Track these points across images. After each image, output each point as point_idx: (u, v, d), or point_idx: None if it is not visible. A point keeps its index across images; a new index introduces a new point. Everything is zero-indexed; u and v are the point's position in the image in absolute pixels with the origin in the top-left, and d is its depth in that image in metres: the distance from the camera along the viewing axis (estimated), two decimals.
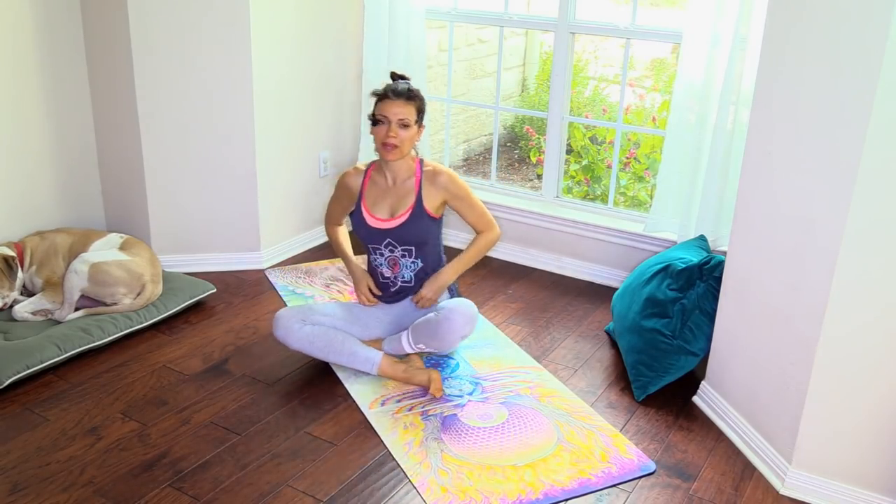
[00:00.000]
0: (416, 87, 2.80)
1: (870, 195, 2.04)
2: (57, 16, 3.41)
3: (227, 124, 3.54)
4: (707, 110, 3.24)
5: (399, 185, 2.85)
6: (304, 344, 2.81)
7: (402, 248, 2.86)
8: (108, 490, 2.28)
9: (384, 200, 2.86)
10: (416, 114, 2.76)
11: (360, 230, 2.89)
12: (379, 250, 2.89)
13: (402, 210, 2.83)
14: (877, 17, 1.96)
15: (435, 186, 2.83)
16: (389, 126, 2.71)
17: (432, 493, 2.30)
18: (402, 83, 2.78)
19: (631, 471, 2.43)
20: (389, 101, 2.72)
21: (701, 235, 3.23)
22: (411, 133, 2.75)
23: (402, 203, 2.84)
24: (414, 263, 2.89)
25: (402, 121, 2.71)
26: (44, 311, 3.13)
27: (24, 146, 3.41)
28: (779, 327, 2.39)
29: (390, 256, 2.89)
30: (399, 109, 2.71)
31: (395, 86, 2.75)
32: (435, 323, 2.78)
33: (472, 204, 2.89)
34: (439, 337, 2.79)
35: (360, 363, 2.81)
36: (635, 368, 2.85)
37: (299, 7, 3.67)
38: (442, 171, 2.84)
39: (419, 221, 2.82)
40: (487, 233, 2.94)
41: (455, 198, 2.86)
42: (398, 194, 2.85)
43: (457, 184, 2.85)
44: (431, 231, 2.87)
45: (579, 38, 4.82)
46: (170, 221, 3.64)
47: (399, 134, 2.71)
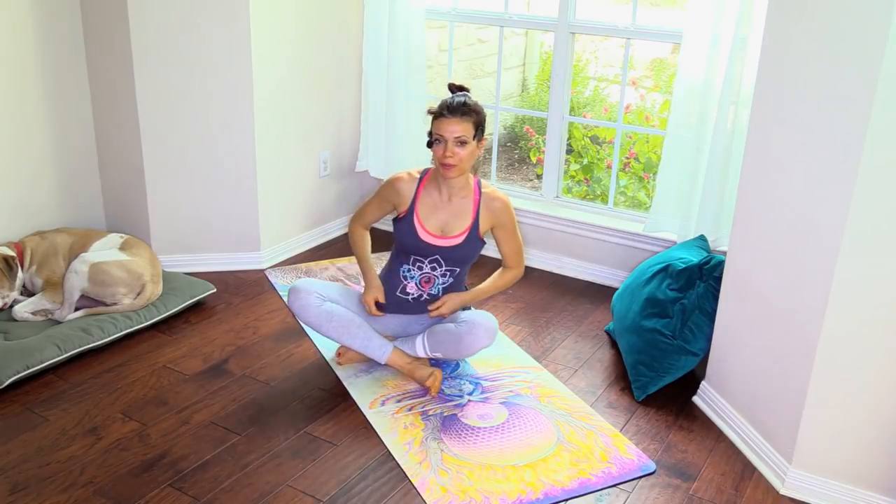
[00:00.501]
0: (474, 101, 2.69)
1: (870, 195, 2.04)
2: (57, 16, 3.41)
3: (228, 124, 3.54)
4: (707, 110, 3.24)
5: (454, 202, 2.76)
6: (322, 321, 2.75)
7: (446, 267, 2.80)
8: (108, 490, 2.28)
9: (436, 215, 2.77)
10: (475, 129, 2.65)
11: (409, 240, 2.78)
12: (419, 263, 2.80)
13: (458, 230, 2.76)
14: (877, 17, 1.96)
15: (490, 210, 2.76)
16: (446, 145, 2.62)
17: (432, 493, 2.30)
18: (459, 97, 2.66)
19: (631, 471, 2.43)
20: (445, 119, 2.62)
21: (701, 235, 3.23)
22: (470, 150, 2.64)
23: (457, 222, 2.76)
24: (447, 280, 2.83)
25: (459, 139, 2.61)
26: (44, 311, 3.13)
27: (24, 146, 3.41)
28: (779, 327, 2.39)
29: (429, 273, 2.81)
30: (455, 127, 2.61)
31: (450, 101, 2.64)
32: (457, 335, 2.75)
33: (514, 237, 2.83)
34: (461, 349, 2.77)
35: (373, 350, 2.79)
36: (635, 368, 2.85)
37: (299, 7, 3.67)
38: (498, 198, 2.78)
39: (472, 244, 2.78)
40: (516, 270, 2.89)
41: (502, 227, 2.80)
42: (453, 212, 2.76)
43: (509, 214, 2.79)
44: (478, 252, 2.84)
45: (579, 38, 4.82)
46: (170, 221, 3.64)
47: (456, 153, 2.62)
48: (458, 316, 2.84)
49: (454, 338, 2.76)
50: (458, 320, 2.80)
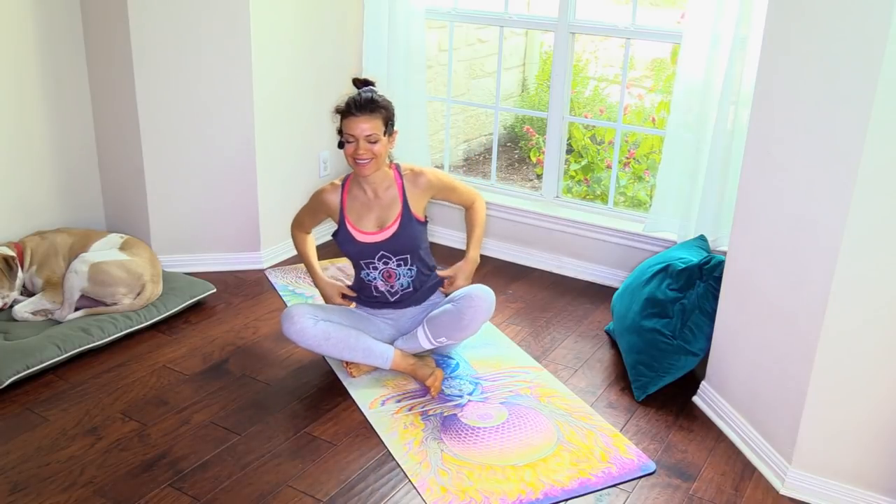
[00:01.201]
0: (381, 95, 2.68)
1: (870, 195, 2.04)
2: (57, 16, 3.41)
3: (227, 124, 3.54)
4: (707, 110, 3.24)
5: (382, 196, 2.78)
6: (320, 341, 2.74)
7: (398, 258, 2.81)
8: (108, 490, 2.28)
9: (369, 213, 2.79)
10: (384, 124, 2.64)
11: (349, 247, 2.81)
12: (372, 264, 2.82)
13: (391, 220, 2.77)
14: (877, 17, 1.96)
15: (419, 188, 2.79)
16: (358, 144, 2.61)
17: (432, 493, 2.30)
18: (366, 92, 2.65)
19: (631, 471, 2.43)
20: (354, 117, 2.61)
21: (701, 235, 3.23)
22: (382, 145, 2.64)
23: (388, 213, 2.77)
24: (410, 270, 2.84)
25: (370, 136, 2.61)
26: (44, 311, 3.13)
27: (24, 146, 3.41)
28: (779, 327, 2.39)
29: (384, 269, 2.83)
30: (365, 125, 2.60)
31: (357, 98, 2.63)
32: (457, 313, 2.75)
33: (455, 188, 2.89)
34: (464, 326, 2.76)
35: (376, 358, 2.79)
36: (635, 368, 2.85)
37: (299, 7, 3.67)
38: (422, 172, 2.80)
39: (410, 229, 2.78)
40: (476, 203, 2.95)
41: (441, 190, 2.85)
42: (382, 205, 2.78)
43: (440, 178, 2.84)
44: (421, 235, 2.83)
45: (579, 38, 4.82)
46: (170, 221, 3.64)
47: (369, 149, 2.62)
48: (454, 294, 2.85)
49: (454, 317, 2.75)
50: (454, 298, 2.81)
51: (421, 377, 2.79)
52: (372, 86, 2.71)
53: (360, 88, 2.69)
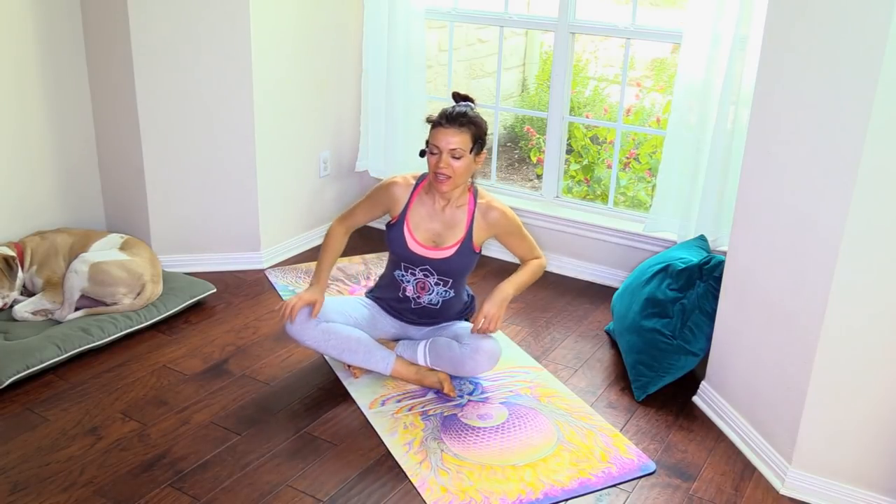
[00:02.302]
0: (476, 112, 2.62)
1: (870, 195, 2.04)
2: (57, 16, 3.41)
3: (228, 124, 3.54)
4: (707, 110, 3.24)
5: (448, 213, 2.69)
6: (319, 342, 2.72)
7: (439, 277, 2.73)
8: (108, 490, 2.28)
9: (429, 225, 2.71)
10: (472, 142, 2.57)
11: (399, 249, 2.73)
12: (412, 270, 2.76)
13: (450, 242, 2.69)
14: (877, 17, 1.96)
15: (486, 222, 2.70)
16: (441, 156, 2.54)
17: (432, 493, 2.30)
18: (460, 107, 2.59)
19: (631, 471, 2.43)
20: (442, 128, 2.55)
21: (701, 235, 3.23)
22: (465, 163, 2.56)
23: (450, 234, 2.70)
24: (446, 292, 2.78)
25: (454, 151, 2.53)
26: (44, 311, 3.13)
27: (24, 146, 3.41)
28: (779, 327, 2.39)
29: (422, 280, 2.76)
30: (451, 139, 2.53)
31: (450, 111, 2.57)
32: (460, 358, 2.70)
33: (522, 238, 2.77)
34: (460, 371, 2.74)
35: (376, 363, 2.77)
36: (635, 368, 2.85)
37: (299, 7, 3.67)
38: (495, 207, 2.70)
39: (464, 257, 2.71)
40: (539, 260, 2.81)
41: (508, 235, 2.74)
42: (446, 222, 2.70)
43: (510, 221, 2.71)
44: (473, 263, 2.77)
45: (579, 38, 4.82)
46: (170, 221, 3.64)
47: (451, 164, 2.54)
48: (463, 335, 2.76)
49: (456, 358, 2.72)
50: (462, 340, 2.74)
51: (430, 384, 2.78)
52: (471, 102, 2.64)
53: (458, 102, 2.63)
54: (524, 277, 2.76)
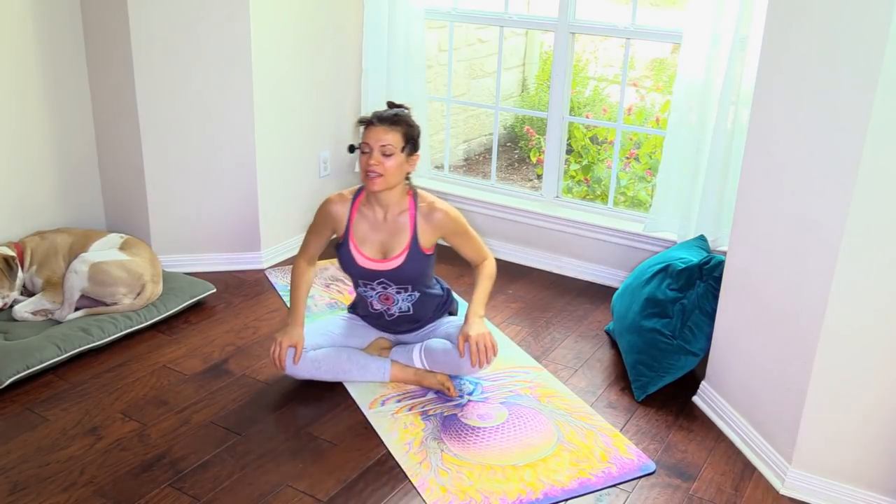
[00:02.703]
0: (407, 113, 2.61)
1: (870, 195, 2.04)
2: (58, 17, 3.41)
3: (228, 124, 3.54)
4: (707, 110, 3.24)
5: (391, 221, 2.66)
6: (312, 371, 2.73)
7: (398, 286, 2.71)
8: (108, 490, 2.28)
9: (375, 237, 2.67)
10: (404, 141, 2.55)
11: (350, 267, 2.71)
12: (370, 285, 2.74)
13: (397, 251, 2.65)
14: (876, 17, 1.96)
15: (431, 224, 2.65)
16: (371, 154, 2.52)
17: (432, 493, 2.30)
18: (392, 109, 2.60)
19: (631, 471, 2.43)
20: (373, 127, 2.54)
21: (701, 235, 3.23)
22: (397, 162, 2.54)
23: (395, 242, 2.66)
24: (410, 297, 2.76)
25: (385, 148, 2.51)
26: (44, 311, 3.13)
27: (24, 146, 3.41)
28: (779, 327, 2.39)
29: (383, 293, 2.74)
30: (382, 136, 2.51)
31: (381, 112, 2.58)
32: (457, 360, 2.69)
33: (468, 237, 2.73)
34: (460, 372, 2.74)
35: (372, 374, 2.78)
36: (635, 368, 2.85)
37: (299, 7, 3.67)
38: (438, 208, 2.65)
39: (415, 262, 2.66)
40: (488, 261, 2.78)
41: (453, 234, 2.70)
42: (390, 231, 2.66)
43: (455, 221, 2.68)
44: (428, 267, 2.72)
45: (579, 38, 4.82)
46: (170, 221, 3.64)
47: (382, 162, 2.51)
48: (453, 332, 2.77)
49: (452, 360, 2.71)
50: (453, 338, 2.74)
51: (429, 385, 2.78)
52: (404, 108, 2.64)
53: (391, 108, 2.63)
54: (486, 289, 2.74)
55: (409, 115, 2.62)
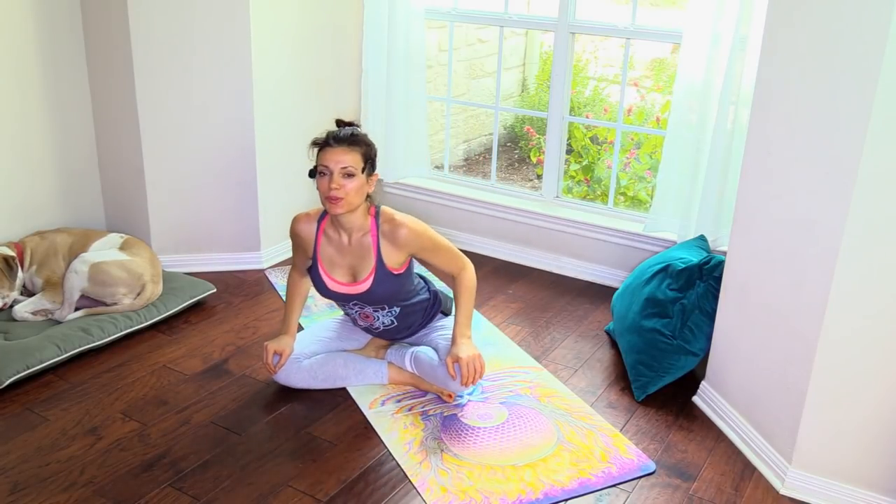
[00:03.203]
0: (364, 133, 2.53)
1: (870, 195, 2.04)
2: (57, 17, 3.41)
3: (227, 124, 3.54)
4: (707, 110, 3.24)
5: (355, 244, 2.57)
6: (308, 380, 2.73)
7: (373, 306, 2.67)
8: (108, 490, 2.28)
9: (342, 261, 2.60)
10: (363, 161, 2.46)
11: (322, 291, 2.65)
12: (347, 306, 2.72)
13: (364, 274, 2.57)
14: (876, 17, 1.96)
15: (395, 244, 2.55)
16: (332, 177, 2.42)
17: (432, 493, 2.30)
18: (346, 129, 2.50)
19: (631, 471, 2.43)
20: (330, 148, 2.44)
21: (701, 235, 3.23)
22: (358, 183, 2.44)
23: (362, 265, 2.58)
24: (390, 313, 2.71)
25: (346, 169, 2.41)
26: (44, 311, 3.13)
27: (24, 147, 3.41)
28: (779, 327, 2.39)
29: (360, 311, 2.71)
30: (341, 157, 2.42)
31: (336, 132, 2.48)
32: (443, 375, 2.66)
33: (438, 250, 2.62)
34: (446, 387, 2.71)
35: (370, 378, 2.78)
36: (635, 368, 2.85)
37: (299, 7, 3.67)
38: (401, 224, 2.54)
39: (384, 284, 2.58)
40: (465, 273, 2.67)
41: (420, 250, 2.60)
42: (355, 254, 2.58)
43: (420, 236, 2.57)
44: (401, 285, 2.64)
45: (579, 38, 4.82)
46: (170, 221, 3.64)
47: (343, 185, 2.41)
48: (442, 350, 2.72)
49: (438, 375, 2.68)
50: (441, 355, 2.70)
51: (427, 387, 2.78)
52: (356, 126, 2.54)
53: (342, 127, 2.52)
54: (468, 307, 2.67)
55: (365, 135, 2.54)
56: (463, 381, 2.59)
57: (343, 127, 2.52)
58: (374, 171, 2.54)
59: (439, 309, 2.87)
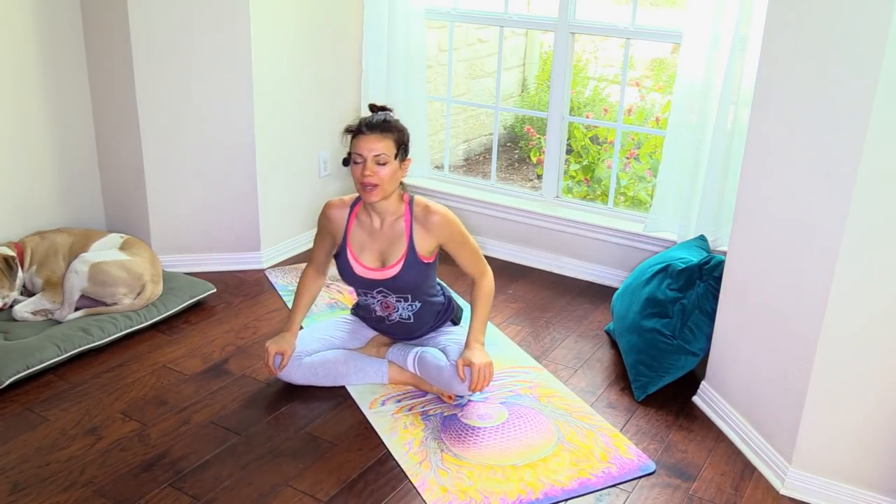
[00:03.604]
0: (396, 118, 2.54)
1: (870, 195, 2.04)
2: (57, 16, 3.41)
3: (228, 124, 3.54)
4: (707, 110, 3.24)
5: (387, 228, 2.60)
6: (309, 378, 2.73)
7: (397, 295, 2.67)
8: (108, 490, 2.28)
9: (372, 245, 2.62)
10: (396, 147, 2.48)
11: (348, 277, 2.66)
12: (370, 294, 2.71)
13: (394, 259, 2.59)
14: (876, 17, 1.96)
15: (427, 230, 2.58)
16: (365, 164, 2.45)
17: (432, 493, 2.30)
18: (379, 115, 2.52)
19: (631, 471, 2.43)
20: (363, 136, 2.46)
21: (701, 235, 3.23)
22: (392, 169, 2.47)
23: (392, 250, 2.60)
24: (411, 306, 2.72)
25: (379, 157, 2.44)
26: (44, 311, 3.13)
27: (24, 146, 3.41)
28: (779, 327, 2.39)
29: (383, 300, 2.71)
30: (374, 145, 2.44)
31: (368, 119, 2.50)
32: (447, 378, 2.65)
33: (466, 245, 2.65)
34: (448, 389, 2.69)
35: (370, 377, 2.78)
36: (635, 368, 2.85)
37: (299, 7, 3.67)
38: (435, 212, 2.58)
39: (413, 270, 2.60)
40: (484, 279, 2.69)
41: (448, 241, 2.61)
42: (387, 238, 2.60)
43: (452, 225, 2.60)
44: (427, 275, 2.65)
45: (579, 38, 4.82)
46: (170, 221, 3.64)
47: (377, 172, 2.45)
48: (452, 350, 2.71)
49: (443, 377, 2.66)
50: (450, 357, 2.69)
51: (427, 388, 2.77)
52: (389, 111, 2.57)
53: (375, 112, 2.55)
54: (485, 313, 2.69)
55: (397, 120, 2.55)
56: (472, 386, 2.58)
57: (376, 112, 2.54)
58: (408, 155, 2.55)
59: (451, 316, 2.87)
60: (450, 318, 2.87)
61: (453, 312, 2.88)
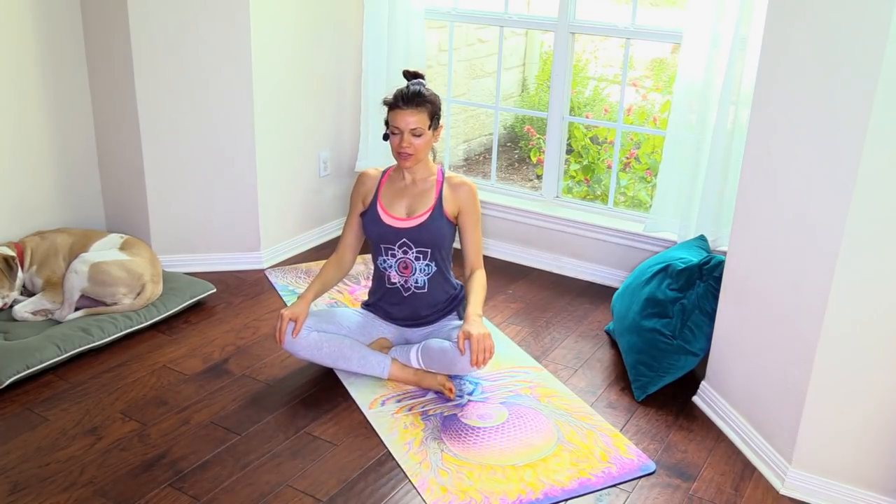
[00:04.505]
0: (429, 89, 2.72)
1: (870, 195, 2.04)
2: (57, 16, 3.41)
3: (227, 124, 3.54)
4: (707, 110, 3.24)
5: (418, 184, 2.80)
6: (313, 351, 2.76)
7: (418, 249, 2.78)
8: (108, 490, 2.28)
9: (402, 199, 2.80)
10: (430, 119, 2.69)
11: (373, 228, 2.80)
12: (391, 251, 2.80)
13: (422, 210, 2.77)
14: (876, 17, 1.96)
15: (455, 193, 2.78)
16: (402, 136, 2.66)
17: (432, 493, 2.30)
18: (414, 85, 2.69)
19: (631, 471, 2.43)
20: (400, 110, 2.66)
21: (701, 235, 3.23)
22: (426, 139, 2.69)
23: (421, 202, 2.78)
24: (428, 267, 2.81)
25: (415, 130, 2.66)
26: (44, 311, 3.13)
27: (24, 146, 3.41)
28: (779, 327, 2.39)
29: (403, 259, 2.80)
30: (410, 118, 2.65)
31: (405, 91, 2.67)
32: (451, 357, 2.69)
33: (477, 228, 2.84)
34: (453, 370, 2.73)
35: (372, 367, 2.78)
36: (635, 368, 2.85)
37: (299, 7, 3.67)
38: (466, 182, 2.80)
39: (438, 223, 2.76)
40: (481, 272, 2.83)
41: (467, 213, 2.80)
42: (417, 193, 2.79)
43: (474, 200, 2.81)
44: (448, 235, 2.81)
45: (579, 38, 4.82)
46: (170, 221, 3.64)
47: (413, 143, 2.67)
48: (454, 334, 2.76)
49: (448, 358, 2.70)
50: (453, 338, 2.73)
51: (429, 386, 2.78)
52: (421, 78, 2.75)
53: (410, 81, 2.73)
54: (482, 295, 2.76)
55: (430, 91, 2.72)
56: (472, 357, 2.60)
57: (410, 80, 2.74)
58: (440, 123, 2.76)
59: (458, 306, 2.92)
60: (457, 309, 2.92)
61: (461, 304, 2.92)
